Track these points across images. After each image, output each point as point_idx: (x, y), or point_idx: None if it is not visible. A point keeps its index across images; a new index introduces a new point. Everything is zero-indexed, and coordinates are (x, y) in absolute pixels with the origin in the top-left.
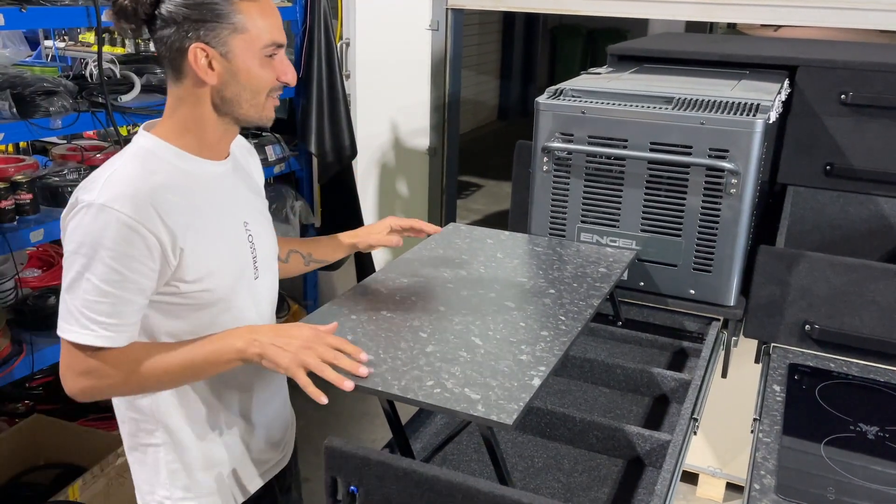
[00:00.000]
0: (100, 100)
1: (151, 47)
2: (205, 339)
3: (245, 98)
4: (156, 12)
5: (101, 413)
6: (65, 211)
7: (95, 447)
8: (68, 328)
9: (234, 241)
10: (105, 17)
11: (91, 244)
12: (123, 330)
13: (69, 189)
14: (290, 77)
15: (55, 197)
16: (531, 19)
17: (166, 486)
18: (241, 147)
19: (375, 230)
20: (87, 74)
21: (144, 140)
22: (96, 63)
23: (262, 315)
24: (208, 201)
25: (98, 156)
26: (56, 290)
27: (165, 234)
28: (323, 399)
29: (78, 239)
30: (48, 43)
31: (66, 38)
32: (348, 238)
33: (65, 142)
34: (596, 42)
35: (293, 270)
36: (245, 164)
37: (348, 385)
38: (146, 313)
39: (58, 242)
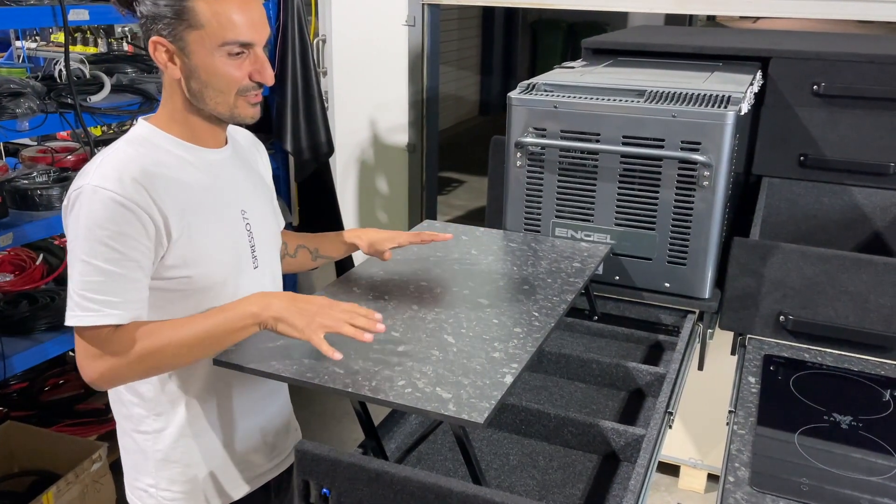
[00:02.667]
0: (69, 100)
1: (124, 46)
2: (217, 309)
3: (209, 95)
4: (132, 4)
5: (76, 419)
6: (64, 203)
7: (70, 454)
8: (72, 315)
9: (229, 228)
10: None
11: (87, 226)
12: (128, 307)
13: (39, 192)
14: (265, 77)
15: (25, 200)
16: (511, 14)
17: (152, 474)
18: (247, 139)
19: (384, 239)
20: (56, 75)
21: (140, 128)
22: (65, 63)
23: None
24: (204, 187)
25: (69, 157)
26: (28, 296)
27: (158, 214)
28: (337, 355)
29: (76, 223)
30: (19, 44)
31: (37, 38)
32: (352, 238)
33: (35, 143)
34: (576, 36)
35: (301, 266)
36: (249, 155)
37: (368, 337)
38: None
39: (29, 246)
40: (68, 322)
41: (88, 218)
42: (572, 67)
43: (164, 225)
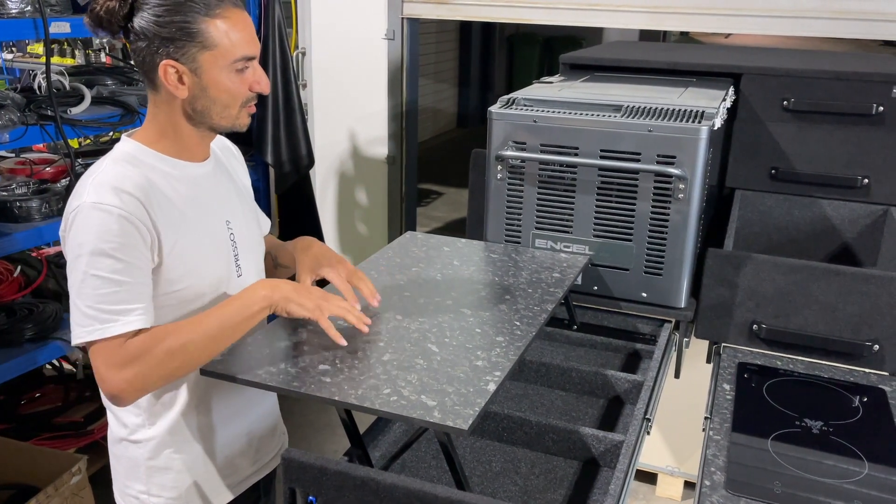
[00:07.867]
0: (49, 112)
1: (102, 58)
2: (228, 301)
3: (216, 111)
4: (129, 25)
5: (54, 432)
6: (61, 225)
7: (49, 467)
8: (90, 331)
9: (216, 240)
10: (84, 22)
11: (91, 241)
12: (146, 311)
13: (18, 204)
14: (263, 86)
15: (3, 212)
16: (488, 28)
17: (143, 480)
18: (224, 149)
19: (325, 261)
20: (36, 87)
21: (125, 145)
22: (45, 75)
23: None
24: (190, 201)
25: (47, 169)
26: (5, 308)
27: (153, 228)
28: (342, 341)
29: (77, 241)
30: None
31: (13, 49)
32: (297, 253)
33: (13, 155)
34: (552, 50)
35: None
36: (228, 165)
37: (364, 328)
38: None
39: (7, 259)
40: (87, 338)
41: (91, 233)
42: (551, 82)
43: (157, 239)
